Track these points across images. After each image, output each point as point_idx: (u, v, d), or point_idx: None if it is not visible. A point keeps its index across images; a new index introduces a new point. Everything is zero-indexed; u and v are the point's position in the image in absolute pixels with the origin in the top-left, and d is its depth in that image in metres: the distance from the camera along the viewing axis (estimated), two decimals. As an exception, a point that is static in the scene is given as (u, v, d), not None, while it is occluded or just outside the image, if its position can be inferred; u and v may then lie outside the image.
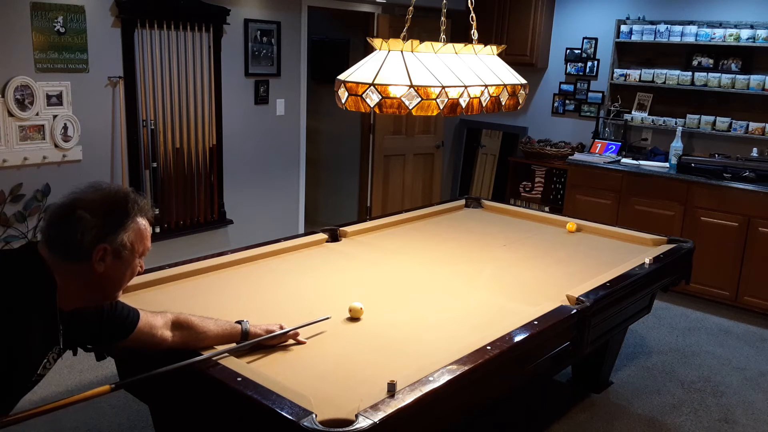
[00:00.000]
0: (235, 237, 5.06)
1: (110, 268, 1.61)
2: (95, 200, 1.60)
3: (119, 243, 1.60)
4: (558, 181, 6.00)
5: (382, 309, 2.54)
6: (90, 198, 1.60)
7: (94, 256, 1.57)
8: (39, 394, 3.30)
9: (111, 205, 1.61)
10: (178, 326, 2.01)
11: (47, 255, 1.57)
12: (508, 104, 2.80)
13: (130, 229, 1.62)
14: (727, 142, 5.23)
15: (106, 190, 1.65)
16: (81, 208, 1.57)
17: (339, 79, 2.61)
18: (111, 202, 1.62)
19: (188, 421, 2.20)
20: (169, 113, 4.47)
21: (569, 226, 3.78)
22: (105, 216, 1.59)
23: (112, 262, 1.60)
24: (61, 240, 1.57)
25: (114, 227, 1.59)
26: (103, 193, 1.63)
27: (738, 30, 4.96)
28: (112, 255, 1.59)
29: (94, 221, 1.56)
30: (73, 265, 1.58)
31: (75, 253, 1.57)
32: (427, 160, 6.48)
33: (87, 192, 1.62)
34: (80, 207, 1.57)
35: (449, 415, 2.03)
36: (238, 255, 2.98)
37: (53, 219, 1.59)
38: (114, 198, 1.63)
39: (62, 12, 3.90)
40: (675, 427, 3.31)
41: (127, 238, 1.61)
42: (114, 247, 1.59)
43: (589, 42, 5.88)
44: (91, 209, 1.57)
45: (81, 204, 1.58)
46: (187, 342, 2.00)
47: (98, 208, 1.58)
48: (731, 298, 4.81)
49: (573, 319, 2.53)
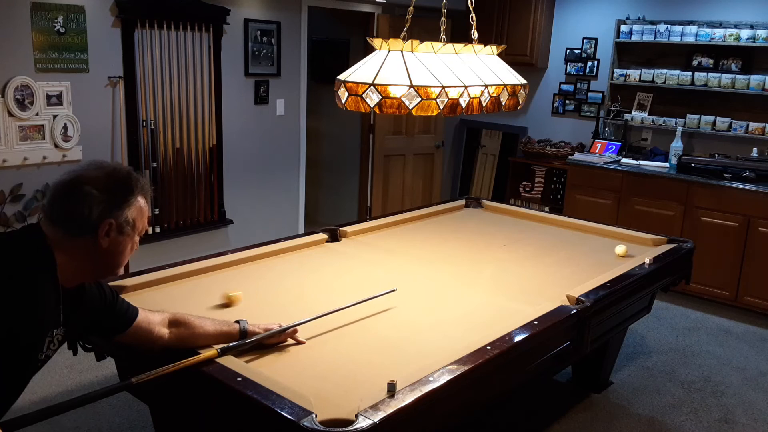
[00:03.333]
0: (235, 237, 5.06)
1: (113, 242, 1.64)
2: (100, 177, 1.63)
3: (123, 219, 1.63)
4: (558, 181, 6.00)
5: (382, 309, 2.53)
6: (94, 175, 1.63)
7: (100, 231, 1.60)
8: (39, 394, 3.30)
9: (116, 182, 1.64)
10: (175, 324, 2.02)
11: (50, 231, 1.60)
12: (508, 104, 2.80)
13: (133, 205, 1.66)
14: (727, 142, 5.23)
15: (109, 168, 1.68)
16: (87, 184, 1.60)
17: (339, 79, 2.61)
18: (115, 179, 1.65)
19: (188, 421, 2.20)
20: (169, 113, 4.47)
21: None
22: (111, 192, 1.62)
23: (115, 236, 1.63)
24: (66, 215, 1.59)
25: (119, 203, 1.63)
26: (106, 170, 1.66)
27: (738, 30, 4.96)
28: (117, 230, 1.63)
29: (102, 197, 1.60)
30: (77, 240, 1.60)
31: (81, 228, 1.60)
32: (427, 160, 6.48)
33: (89, 169, 1.66)
34: (86, 183, 1.60)
35: (449, 415, 2.03)
36: (238, 255, 2.98)
37: (57, 195, 1.61)
38: (118, 175, 1.67)
39: (62, 12, 3.90)
40: (675, 427, 3.31)
41: (130, 214, 1.65)
42: (119, 223, 1.63)
43: (589, 42, 5.88)
44: (97, 185, 1.60)
45: (86, 180, 1.61)
46: (184, 340, 2.01)
47: (104, 185, 1.61)
48: (731, 298, 4.81)
49: (573, 319, 2.53)
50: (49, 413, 1.61)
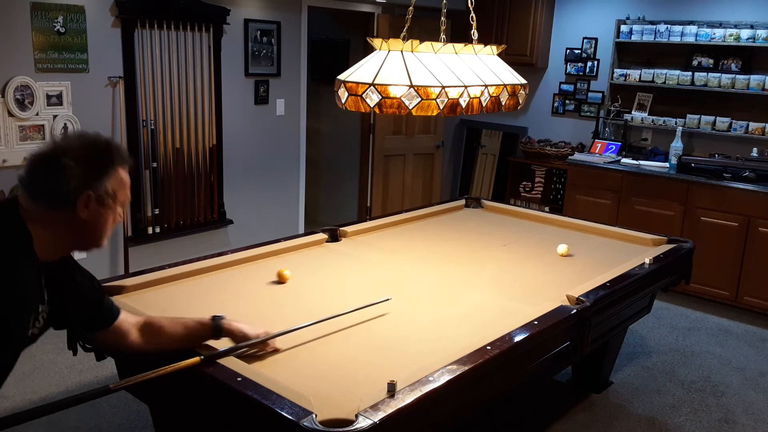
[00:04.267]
0: (235, 237, 5.06)
1: (94, 214, 1.60)
2: (77, 148, 1.59)
3: (103, 190, 1.60)
4: (558, 181, 6.00)
5: (382, 309, 2.53)
6: (72, 146, 1.60)
7: (78, 203, 1.57)
8: (39, 394, 3.31)
9: (94, 153, 1.61)
10: (149, 327, 1.98)
11: (28, 204, 1.56)
12: (508, 104, 2.80)
13: (112, 176, 1.62)
14: (727, 142, 5.23)
15: (87, 138, 1.64)
16: (64, 156, 1.56)
17: (339, 79, 2.61)
18: (94, 150, 1.61)
19: (188, 421, 2.20)
20: (169, 113, 4.47)
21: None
22: (89, 163, 1.58)
23: (95, 208, 1.60)
24: (44, 188, 1.56)
25: (98, 174, 1.59)
26: (84, 141, 1.63)
27: (738, 30, 4.96)
28: (96, 201, 1.59)
29: (79, 169, 1.56)
30: (56, 213, 1.57)
31: (59, 201, 1.56)
32: (427, 160, 6.48)
33: (68, 140, 1.64)
34: (63, 155, 1.56)
35: (449, 415, 2.03)
36: (238, 255, 2.98)
37: (35, 168, 1.58)
38: (96, 146, 1.63)
39: (62, 12, 3.90)
40: (675, 427, 3.31)
41: (110, 185, 1.61)
42: (98, 194, 1.59)
43: (589, 42, 5.88)
44: (75, 157, 1.56)
45: (63, 151, 1.57)
46: (158, 343, 1.97)
47: (81, 156, 1.58)
48: (731, 298, 4.81)
49: (573, 319, 2.53)
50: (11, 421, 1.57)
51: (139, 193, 4.42)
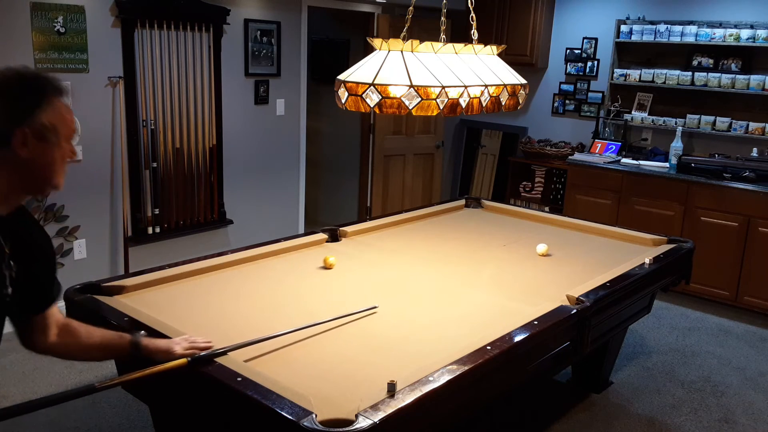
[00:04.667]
0: (235, 237, 5.06)
1: (36, 152, 1.50)
2: (2, 83, 1.49)
3: (39, 124, 1.49)
4: (558, 181, 6.00)
5: (383, 309, 2.53)
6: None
7: (14, 141, 1.47)
8: (39, 393, 3.30)
9: (21, 86, 1.50)
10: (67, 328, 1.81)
11: None
12: (508, 104, 2.80)
13: (47, 109, 1.51)
14: (727, 142, 5.23)
15: (12, 72, 1.52)
16: None
17: (339, 79, 2.61)
18: (20, 83, 1.51)
19: (188, 421, 2.20)
20: (169, 113, 4.47)
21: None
22: (16, 98, 1.49)
23: (36, 145, 1.49)
24: None
25: (29, 109, 1.49)
26: (8, 75, 1.51)
27: (738, 30, 4.96)
28: (35, 137, 1.49)
29: (5, 104, 1.47)
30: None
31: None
32: (427, 160, 6.48)
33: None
34: None
35: (449, 415, 2.03)
36: (238, 255, 2.98)
37: None
38: (23, 79, 1.52)
39: (62, 12, 3.90)
40: (675, 427, 3.31)
41: (45, 118, 1.50)
42: (35, 129, 1.48)
43: (589, 42, 5.88)
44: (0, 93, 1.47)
45: None
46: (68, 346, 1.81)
47: (7, 91, 1.48)
48: (731, 298, 4.81)
49: (573, 319, 2.53)
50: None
51: (139, 193, 4.42)
